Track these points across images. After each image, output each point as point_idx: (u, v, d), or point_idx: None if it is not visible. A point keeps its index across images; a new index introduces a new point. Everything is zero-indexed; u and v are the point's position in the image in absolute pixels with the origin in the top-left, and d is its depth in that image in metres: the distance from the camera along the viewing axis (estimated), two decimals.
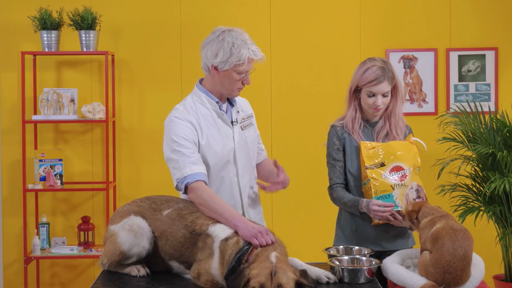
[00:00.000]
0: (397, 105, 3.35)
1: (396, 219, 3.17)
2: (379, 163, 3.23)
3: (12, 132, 5.43)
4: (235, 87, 3.11)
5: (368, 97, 3.29)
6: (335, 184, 3.36)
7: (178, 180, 3.02)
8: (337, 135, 3.37)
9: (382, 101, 3.29)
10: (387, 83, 3.27)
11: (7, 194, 5.47)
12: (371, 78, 3.27)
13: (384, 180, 3.20)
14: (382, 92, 3.28)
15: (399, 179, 3.21)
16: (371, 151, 3.25)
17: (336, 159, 3.36)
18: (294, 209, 5.53)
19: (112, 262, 2.96)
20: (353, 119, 3.36)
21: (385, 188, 3.19)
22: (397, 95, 3.34)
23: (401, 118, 3.38)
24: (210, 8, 5.45)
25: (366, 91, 3.29)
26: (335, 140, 3.37)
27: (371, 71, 3.27)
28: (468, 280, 2.79)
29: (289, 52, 5.49)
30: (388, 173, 3.21)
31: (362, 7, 5.49)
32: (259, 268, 2.58)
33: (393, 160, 3.23)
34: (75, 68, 5.47)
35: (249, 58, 3.05)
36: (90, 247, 5.22)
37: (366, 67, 3.30)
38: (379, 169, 3.22)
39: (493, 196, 4.80)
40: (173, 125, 3.09)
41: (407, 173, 3.23)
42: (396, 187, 3.19)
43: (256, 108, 3.42)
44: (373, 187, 3.20)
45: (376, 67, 3.28)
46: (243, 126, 3.24)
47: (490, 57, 5.50)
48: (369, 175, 3.22)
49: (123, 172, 5.50)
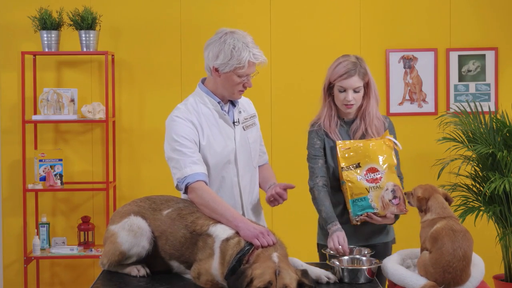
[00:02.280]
0: (370, 103, 3.33)
1: (374, 220, 3.19)
2: (355, 164, 3.24)
3: (12, 132, 5.43)
4: (236, 89, 3.11)
5: (340, 93, 3.29)
6: (320, 182, 3.32)
7: (179, 179, 3.01)
8: (318, 135, 3.38)
9: (353, 97, 3.27)
10: (357, 77, 3.26)
11: (7, 194, 5.47)
12: (341, 72, 3.27)
13: (359, 183, 3.22)
14: (353, 87, 3.26)
15: (374, 181, 3.22)
16: (347, 151, 3.26)
17: (318, 156, 3.35)
18: (294, 209, 5.52)
19: (112, 262, 2.96)
20: (330, 117, 3.36)
21: (361, 191, 3.21)
22: (370, 93, 3.33)
23: (377, 117, 3.36)
24: (210, 9, 5.45)
25: (337, 86, 3.28)
26: (316, 140, 3.38)
27: (342, 65, 3.28)
28: (468, 280, 2.79)
29: (289, 52, 5.50)
30: (363, 175, 3.23)
31: (362, 7, 5.49)
32: (262, 267, 2.58)
33: (368, 161, 3.24)
34: (75, 68, 5.47)
35: (249, 61, 3.04)
36: (90, 247, 5.22)
37: (338, 62, 3.31)
38: (354, 171, 3.23)
39: (493, 196, 4.80)
40: (174, 125, 3.09)
41: (382, 174, 3.24)
42: (371, 190, 3.21)
43: (256, 108, 3.42)
44: (348, 189, 3.22)
45: (347, 62, 3.29)
46: (245, 126, 3.24)
47: (490, 57, 5.50)
48: (344, 178, 3.24)
49: (123, 172, 5.50)
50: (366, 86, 3.32)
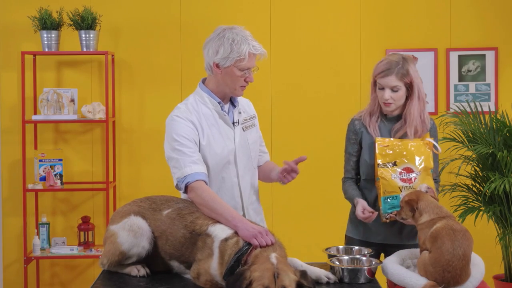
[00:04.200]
0: (412, 105, 3.30)
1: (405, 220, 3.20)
2: (391, 162, 3.25)
3: (12, 132, 5.44)
4: (237, 85, 3.10)
5: (379, 90, 3.30)
6: (346, 178, 3.44)
7: (179, 179, 3.02)
8: (355, 129, 3.39)
9: (391, 96, 3.27)
10: (395, 77, 3.25)
11: (7, 194, 5.47)
12: (380, 70, 3.28)
13: (393, 181, 3.22)
14: (389, 85, 3.26)
15: (408, 181, 3.23)
16: (385, 149, 3.26)
17: (351, 153, 3.41)
18: (294, 209, 5.53)
19: (112, 262, 2.96)
20: (371, 112, 3.37)
21: (393, 189, 3.22)
22: (413, 95, 3.30)
23: (420, 119, 3.32)
24: (210, 8, 5.45)
25: (378, 83, 3.30)
26: (351, 134, 3.40)
27: (383, 63, 3.29)
28: (467, 279, 2.79)
29: (289, 52, 5.50)
30: (398, 174, 3.23)
31: (362, 7, 5.49)
32: (260, 270, 2.57)
33: (405, 161, 3.25)
34: (75, 68, 5.47)
35: (249, 53, 3.05)
36: (90, 247, 5.22)
37: (382, 59, 3.33)
38: (390, 169, 3.24)
39: (493, 196, 4.80)
40: (174, 124, 3.09)
41: (417, 175, 3.24)
42: (404, 189, 3.21)
43: (256, 108, 3.42)
44: (382, 186, 3.23)
45: (388, 60, 3.29)
46: (244, 127, 3.24)
47: (490, 57, 5.50)
48: (379, 174, 3.25)
49: (123, 172, 5.50)
50: (409, 87, 3.29)
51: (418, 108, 3.32)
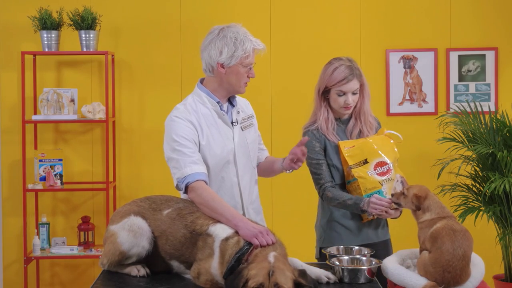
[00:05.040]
0: (365, 102, 3.39)
1: (390, 214, 3.21)
2: (362, 161, 3.28)
3: (12, 132, 5.43)
4: (242, 82, 3.12)
5: (339, 97, 3.33)
6: (328, 183, 3.34)
7: (179, 179, 3.02)
8: (316, 137, 3.38)
9: (353, 99, 3.33)
10: (356, 80, 3.32)
11: (7, 194, 5.47)
12: (340, 78, 3.31)
13: (371, 177, 3.25)
14: (352, 90, 3.32)
15: (385, 174, 3.25)
16: (352, 150, 3.28)
17: (321, 159, 3.36)
18: (294, 209, 5.53)
19: (112, 262, 2.96)
20: (326, 120, 3.39)
21: (374, 185, 3.25)
22: (364, 93, 3.39)
23: (370, 114, 3.43)
24: (210, 8, 5.45)
25: (336, 90, 3.33)
26: (315, 142, 3.37)
27: (340, 71, 3.32)
28: (467, 279, 2.79)
29: (289, 52, 5.50)
30: (373, 170, 3.26)
31: (362, 7, 5.49)
32: (257, 268, 2.57)
33: (375, 156, 3.28)
34: (75, 68, 5.47)
35: (253, 49, 3.09)
36: (90, 247, 5.22)
37: (334, 67, 3.34)
38: (363, 167, 3.26)
39: (493, 196, 4.80)
40: (173, 125, 3.09)
41: (391, 166, 3.29)
42: (384, 182, 3.25)
43: (256, 108, 3.42)
44: (361, 185, 3.24)
45: (344, 66, 3.33)
46: (243, 127, 3.24)
47: (490, 57, 5.50)
48: (355, 175, 3.26)
49: (123, 172, 5.50)
50: (360, 86, 3.37)
51: (368, 105, 3.41)
